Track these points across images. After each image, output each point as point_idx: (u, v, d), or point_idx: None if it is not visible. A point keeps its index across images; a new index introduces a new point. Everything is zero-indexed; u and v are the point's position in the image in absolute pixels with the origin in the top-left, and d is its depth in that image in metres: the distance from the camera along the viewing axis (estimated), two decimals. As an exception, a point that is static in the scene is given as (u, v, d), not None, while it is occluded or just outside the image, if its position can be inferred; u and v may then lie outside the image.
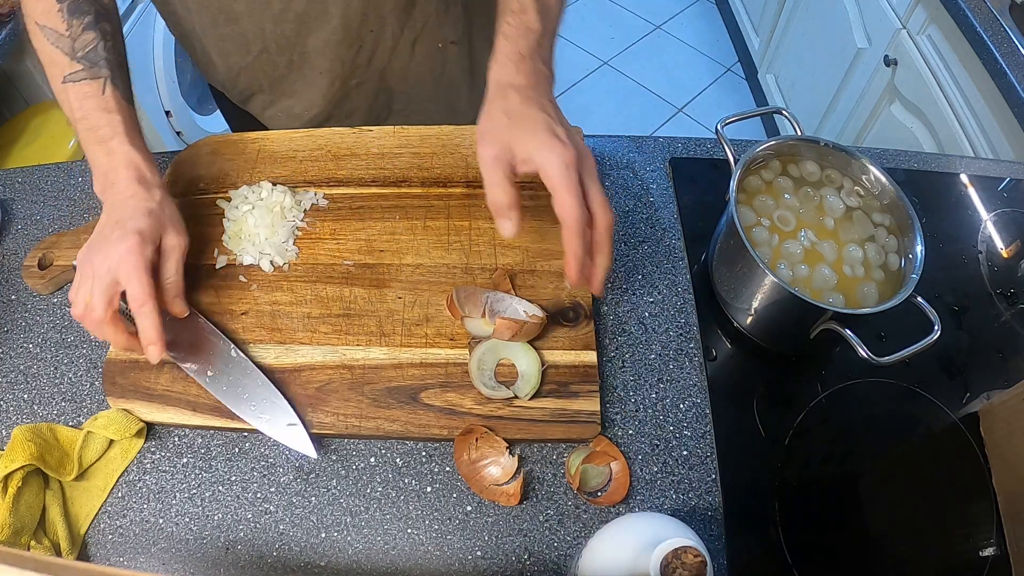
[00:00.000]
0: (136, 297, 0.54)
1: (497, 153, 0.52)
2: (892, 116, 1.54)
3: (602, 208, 0.52)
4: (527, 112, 0.53)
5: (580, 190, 0.51)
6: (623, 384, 0.61)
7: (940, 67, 1.36)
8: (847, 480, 0.60)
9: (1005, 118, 1.18)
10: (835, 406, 0.62)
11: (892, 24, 1.51)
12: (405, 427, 0.57)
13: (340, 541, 0.55)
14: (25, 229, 0.73)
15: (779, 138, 0.65)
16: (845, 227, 0.63)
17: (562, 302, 0.63)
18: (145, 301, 0.54)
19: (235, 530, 0.55)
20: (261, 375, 0.59)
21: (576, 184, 0.51)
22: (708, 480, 0.57)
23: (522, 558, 0.54)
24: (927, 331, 0.54)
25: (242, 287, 0.65)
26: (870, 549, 0.57)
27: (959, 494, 0.59)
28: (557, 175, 0.51)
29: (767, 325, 0.64)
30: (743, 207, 0.63)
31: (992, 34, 1.17)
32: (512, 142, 0.52)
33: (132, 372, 0.60)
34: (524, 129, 0.52)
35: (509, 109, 0.54)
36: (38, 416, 0.61)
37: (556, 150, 0.51)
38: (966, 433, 0.61)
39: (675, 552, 0.38)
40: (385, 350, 0.61)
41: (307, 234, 0.68)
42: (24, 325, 0.66)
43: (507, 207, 0.52)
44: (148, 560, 0.54)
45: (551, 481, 0.57)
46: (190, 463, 0.58)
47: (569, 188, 0.51)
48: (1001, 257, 0.72)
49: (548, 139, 0.51)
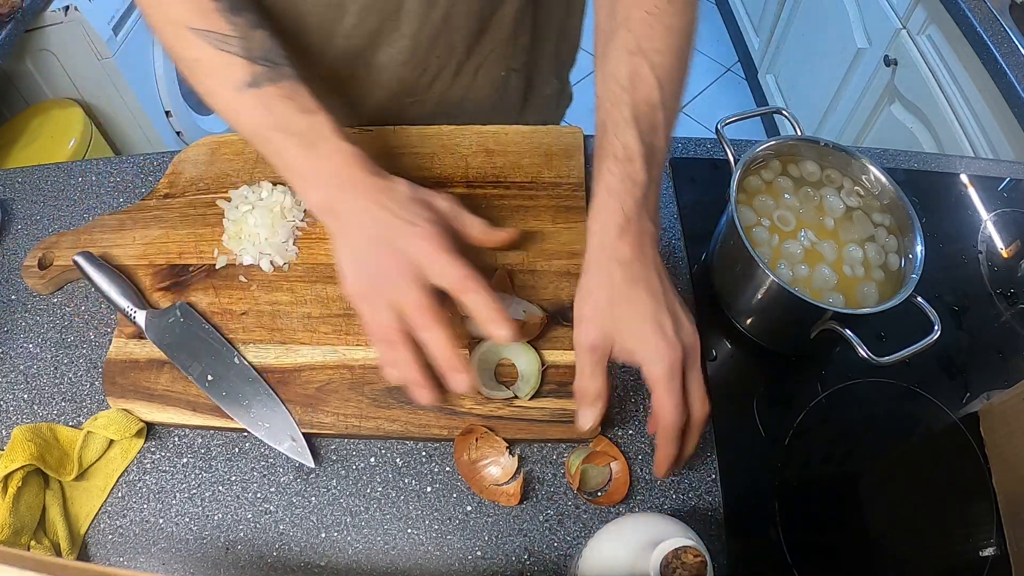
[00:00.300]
0: (456, 278, 0.49)
1: (596, 342, 0.49)
2: (892, 116, 1.54)
3: (701, 404, 0.49)
4: (632, 296, 0.48)
5: (681, 392, 0.48)
6: (623, 384, 0.61)
7: (940, 67, 1.36)
8: (847, 480, 0.60)
9: (1005, 118, 1.18)
10: (835, 406, 0.62)
11: (892, 24, 1.52)
12: (405, 427, 0.57)
13: (340, 541, 0.55)
14: (25, 229, 0.73)
15: (779, 138, 0.65)
16: (845, 227, 0.63)
17: (562, 302, 0.63)
18: (469, 276, 0.49)
19: (235, 530, 0.55)
20: (263, 384, 0.59)
21: (678, 388, 0.48)
22: (708, 480, 0.57)
23: (522, 558, 0.54)
24: (927, 331, 0.54)
25: (242, 287, 0.65)
26: (870, 549, 0.57)
27: (959, 494, 0.59)
28: (659, 378, 0.47)
29: (767, 325, 0.64)
30: (743, 207, 0.63)
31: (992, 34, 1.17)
32: (614, 332, 0.48)
33: (132, 372, 0.60)
34: (627, 320, 0.48)
35: (613, 291, 0.49)
36: (38, 416, 0.61)
37: (660, 350, 0.47)
38: (966, 433, 0.61)
39: (675, 552, 0.38)
40: (385, 350, 0.61)
41: (307, 234, 0.68)
42: (24, 325, 0.66)
43: (595, 398, 0.50)
44: (148, 560, 0.54)
45: (551, 481, 0.57)
46: (190, 463, 0.58)
47: (671, 392, 0.47)
48: (1001, 257, 0.72)
49: (653, 335, 0.47)
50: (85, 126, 1.56)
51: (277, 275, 0.65)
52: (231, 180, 0.72)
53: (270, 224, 0.66)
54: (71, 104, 1.59)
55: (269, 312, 0.63)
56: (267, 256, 0.66)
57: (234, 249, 0.67)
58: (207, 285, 0.65)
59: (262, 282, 0.65)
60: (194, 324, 0.62)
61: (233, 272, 0.66)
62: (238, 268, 0.66)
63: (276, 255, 0.66)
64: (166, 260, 0.67)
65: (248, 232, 0.67)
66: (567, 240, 0.66)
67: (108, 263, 0.64)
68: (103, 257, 0.65)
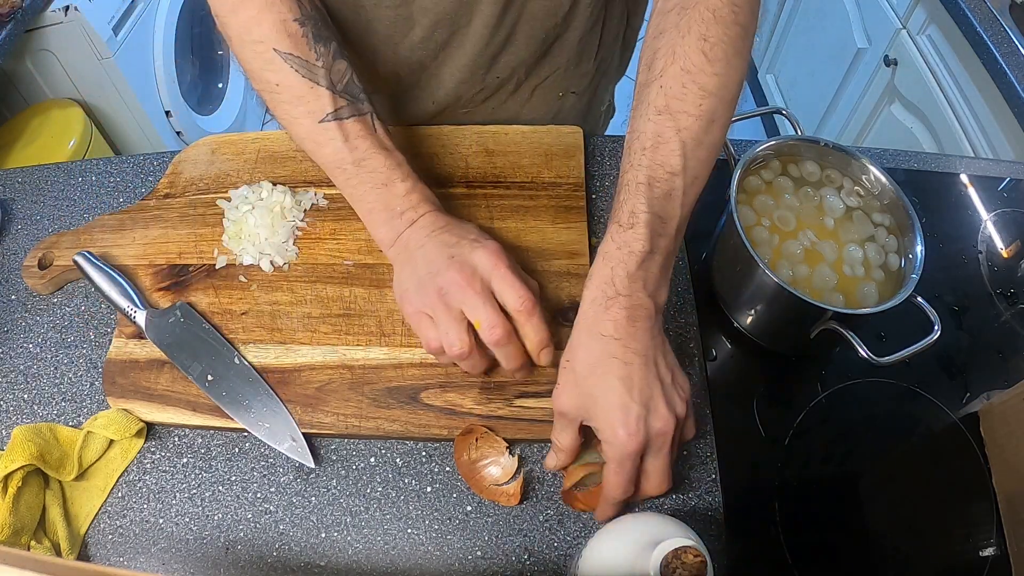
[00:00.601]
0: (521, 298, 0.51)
1: (564, 410, 0.49)
2: (892, 116, 1.54)
3: (656, 487, 0.48)
4: (604, 374, 0.46)
5: (632, 475, 0.47)
6: (623, 384, 0.61)
7: (940, 67, 1.36)
8: (847, 480, 0.60)
9: (1005, 118, 1.18)
10: (835, 406, 0.62)
11: (892, 24, 1.52)
12: (405, 427, 0.57)
13: (340, 541, 0.55)
14: (25, 229, 0.73)
15: (779, 138, 0.65)
16: (845, 227, 0.63)
17: (562, 302, 0.63)
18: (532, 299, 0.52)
19: (235, 530, 0.55)
20: (263, 384, 0.59)
21: (628, 471, 0.46)
22: (708, 480, 0.57)
23: (522, 558, 0.54)
24: (927, 331, 0.54)
25: (242, 287, 0.65)
26: (870, 549, 0.57)
27: (959, 494, 0.59)
28: (610, 460, 0.47)
29: (767, 325, 0.64)
30: (743, 207, 0.63)
31: (992, 34, 1.18)
32: (584, 404, 0.47)
33: (132, 372, 0.60)
34: (596, 397, 0.47)
35: (589, 364, 0.47)
36: (38, 416, 0.61)
37: (618, 437, 0.45)
38: (966, 433, 0.61)
39: (675, 552, 0.38)
40: (385, 350, 0.61)
41: (307, 234, 0.68)
42: (24, 325, 0.66)
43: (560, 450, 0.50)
44: (148, 560, 0.54)
45: (551, 481, 0.57)
46: (190, 463, 0.58)
47: (618, 474, 0.46)
48: (1001, 257, 0.72)
49: (615, 420, 0.45)
50: (85, 126, 1.56)
51: (277, 275, 0.65)
52: (231, 180, 0.72)
53: (270, 224, 0.67)
54: (71, 104, 1.59)
55: (269, 312, 0.63)
56: (267, 256, 0.66)
57: (234, 249, 0.67)
58: (207, 285, 0.65)
59: (262, 282, 0.65)
60: (194, 324, 0.62)
61: (233, 272, 0.66)
62: (238, 268, 0.66)
63: (276, 255, 0.66)
64: (166, 260, 0.67)
65: (248, 232, 0.67)
66: (567, 240, 0.66)
67: (108, 263, 0.64)
68: (103, 257, 0.64)
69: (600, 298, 0.48)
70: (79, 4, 1.45)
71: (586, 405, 0.47)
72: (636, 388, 0.46)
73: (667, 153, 0.48)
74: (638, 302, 0.47)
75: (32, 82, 1.58)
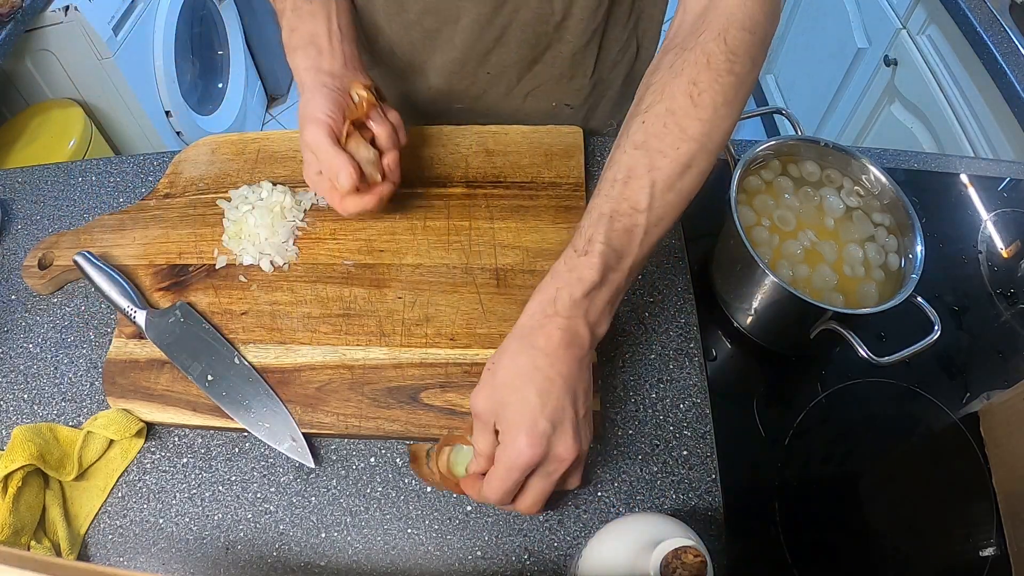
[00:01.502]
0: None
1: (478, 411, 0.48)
2: (892, 116, 1.54)
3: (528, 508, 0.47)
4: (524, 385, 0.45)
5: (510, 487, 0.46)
6: (623, 384, 0.61)
7: (940, 67, 1.36)
8: (847, 480, 0.60)
9: (1005, 118, 1.18)
10: (835, 406, 0.62)
11: (892, 24, 1.52)
12: (405, 427, 0.57)
13: (340, 541, 0.55)
14: (25, 229, 0.73)
15: (779, 138, 0.65)
16: (845, 227, 0.63)
17: (562, 302, 0.63)
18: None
19: (235, 530, 0.55)
20: (263, 384, 0.59)
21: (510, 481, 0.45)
22: (708, 480, 0.57)
23: (522, 558, 0.54)
24: (927, 331, 0.54)
25: (242, 287, 0.65)
26: (870, 549, 0.57)
27: (959, 494, 0.59)
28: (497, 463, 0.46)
29: (767, 325, 0.64)
30: (743, 207, 0.63)
31: (992, 34, 1.17)
32: (495, 409, 0.47)
33: (132, 372, 0.60)
34: (509, 404, 0.46)
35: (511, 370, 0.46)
36: (38, 416, 0.61)
37: (518, 445, 0.44)
38: (966, 433, 0.61)
39: (675, 552, 0.38)
40: (385, 350, 0.61)
41: (307, 234, 0.68)
42: (24, 325, 0.66)
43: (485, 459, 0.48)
44: (148, 560, 0.54)
45: (551, 481, 0.57)
46: (190, 463, 0.58)
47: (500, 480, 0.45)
48: (1001, 257, 0.72)
49: (522, 427, 0.45)
50: (85, 126, 1.56)
51: (277, 275, 0.65)
52: (231, 180, 0.72)
53: (270, 224, 0.67)
54: (71, 104, 1.59)
55: (269, 312, 0.63)
56: (267, 256, 0.66)
57: (234, 249, 0.67)
58: (207, 285, 0.65)
59: (262, 282, 0.65)
60: (194, 324, 0.62)
61: (233, 272, 0.66)
62: (238, 268, 0.66)
63: (276, 255, 0.66)
64: (166, 260, 0.67)
65: (248, 232, 0.67)
66: (567, 240, 0.65)
67: (108, 263, 0.64)
68: (103, 257, 0.65)
69: (539, 313, 0.47)
70: (79, 4, 1.45)
71: (497, 410, 0.46)
72: (551, 407, 0.45)
73: (636, 189, 0.48)
74: (576, 328, 0.47)
75: (32, 82, 1.58)
